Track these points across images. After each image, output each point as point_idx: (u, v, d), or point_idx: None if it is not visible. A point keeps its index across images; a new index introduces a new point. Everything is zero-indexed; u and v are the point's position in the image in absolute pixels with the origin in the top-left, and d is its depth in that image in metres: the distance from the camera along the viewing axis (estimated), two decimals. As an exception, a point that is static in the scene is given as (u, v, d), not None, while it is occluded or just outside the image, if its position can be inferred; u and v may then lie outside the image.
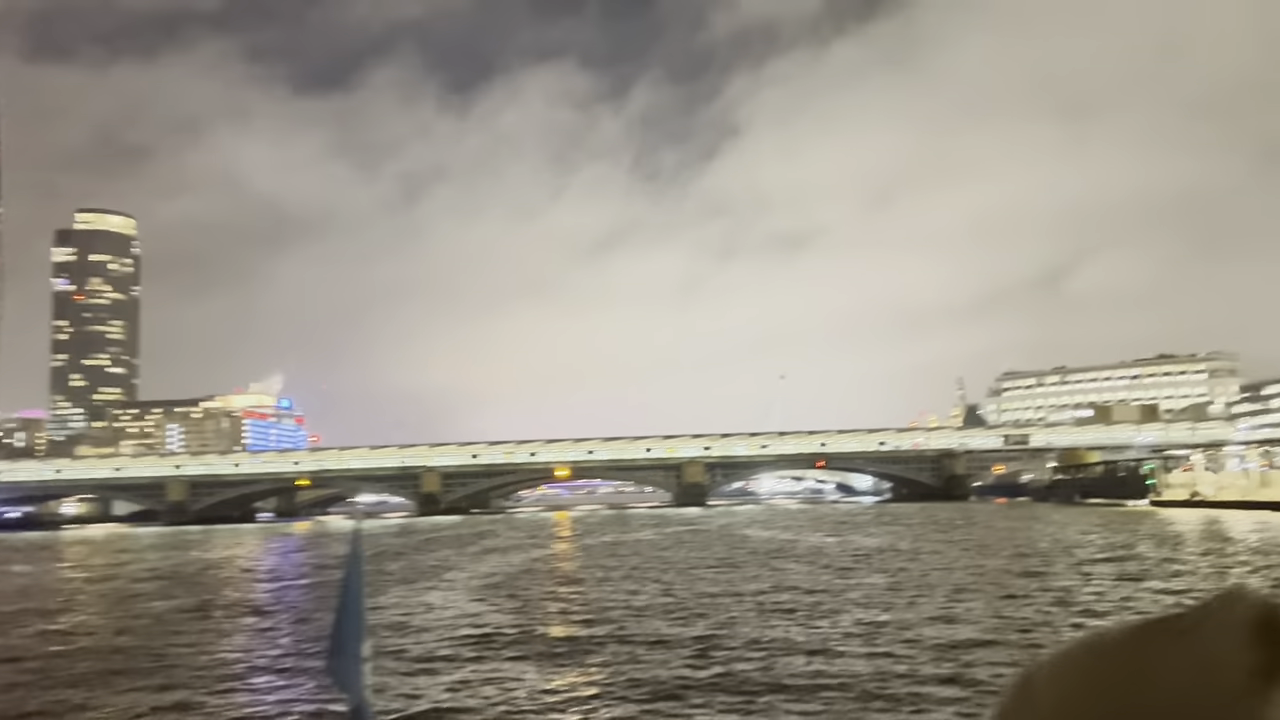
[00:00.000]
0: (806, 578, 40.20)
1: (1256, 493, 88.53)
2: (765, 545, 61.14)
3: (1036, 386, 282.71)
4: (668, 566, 47.88)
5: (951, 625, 26.01)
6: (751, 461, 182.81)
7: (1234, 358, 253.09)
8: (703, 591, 36.03)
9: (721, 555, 53.76)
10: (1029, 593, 32.76)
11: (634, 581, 40.96)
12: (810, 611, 29.51)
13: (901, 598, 32.47)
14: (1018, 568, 42.07)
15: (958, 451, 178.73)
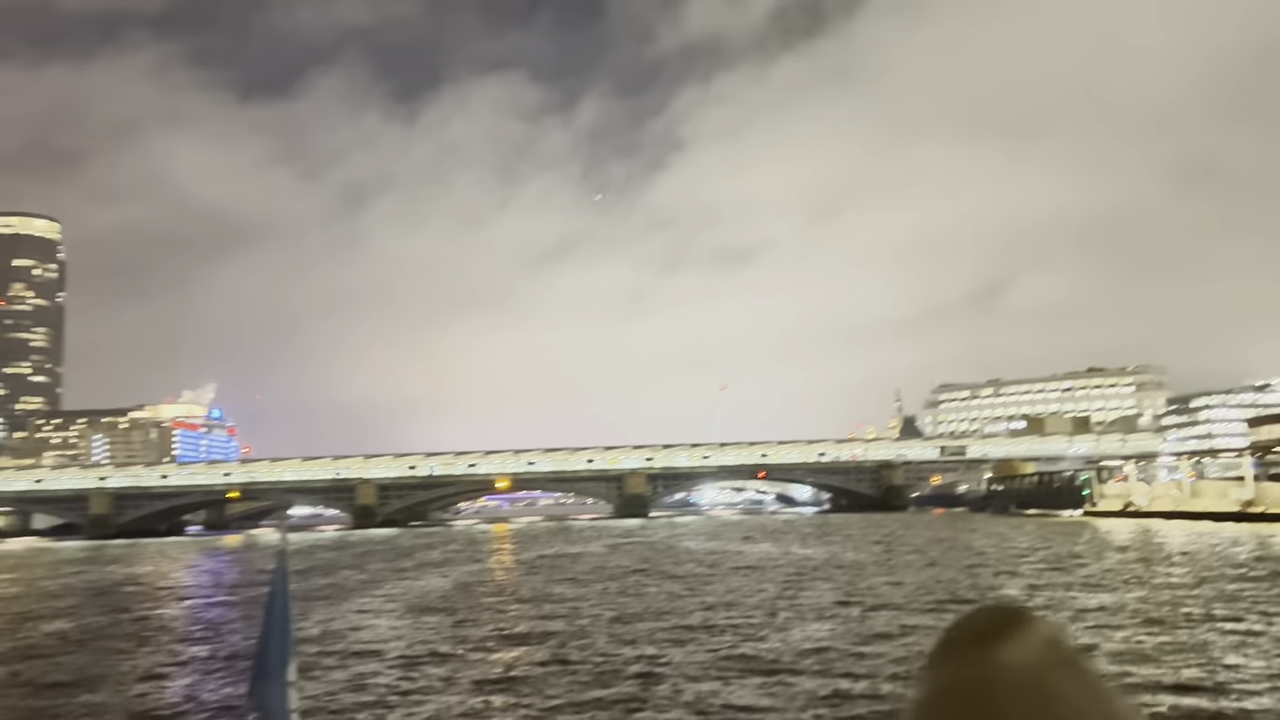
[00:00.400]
0: (754, 592, 39.25)
1: (1188, 503, 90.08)
2: (710, 557, 60.18)
3: (972, 399, 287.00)
4: (610, 581, 46.60)
5: (903, 641, 25.21)
6: (693, 472, 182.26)
7: (1161, 371, 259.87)
8: (649, 608, 34.83)
9: (666, 569, 52.65)
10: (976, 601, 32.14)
11: (576, 597, 39.63)
12: (761, 627, 28.52)
13: (853, 612, 31.66)
14: (966, 580, 41.65)
15: (896, 462, 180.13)
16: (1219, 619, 28.26)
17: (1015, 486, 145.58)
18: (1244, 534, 68.78)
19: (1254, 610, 30.17)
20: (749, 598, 37.07)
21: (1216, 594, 34.82)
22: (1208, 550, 54.98)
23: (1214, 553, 53.10)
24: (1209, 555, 51.53)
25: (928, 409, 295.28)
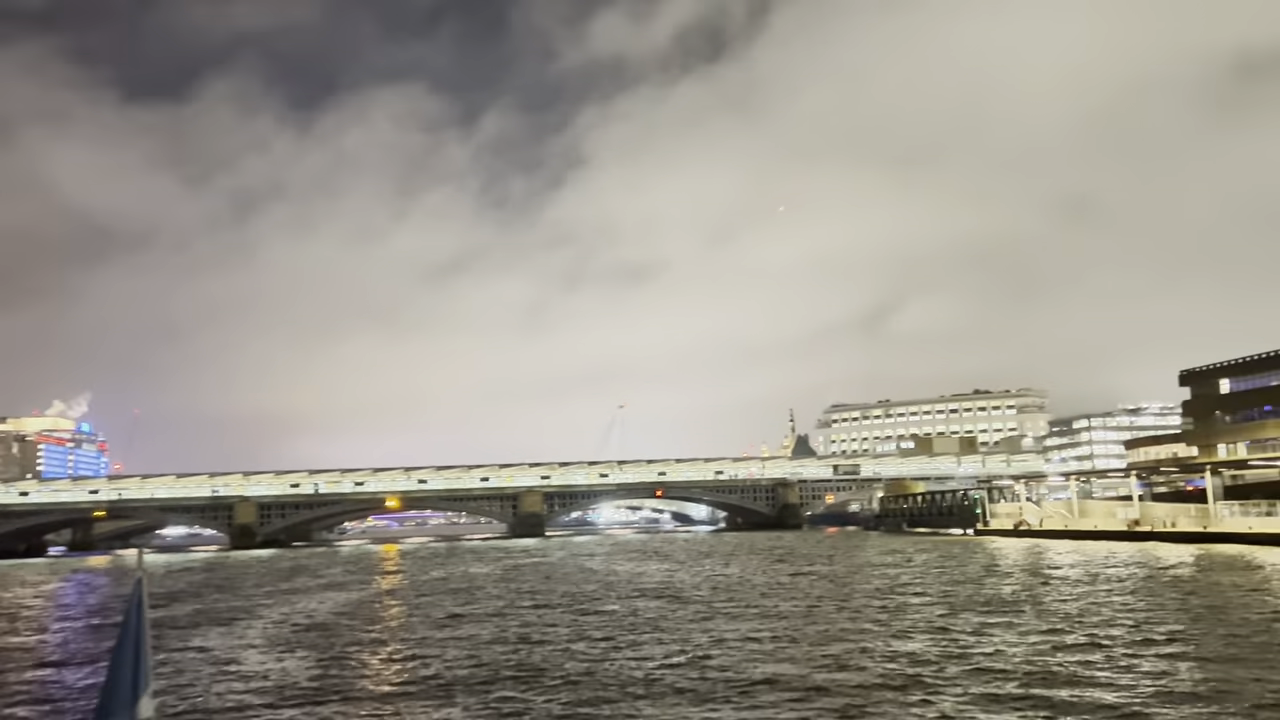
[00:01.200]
0: (659, 615, 37.05)
1: (1077, 523, 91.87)
2: (611, 578, 57.81)
3: (862, 419, 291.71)
4: (506, 605, 43.79)
5: (818, 666, 23.40)
6: (591, 491, 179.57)
7: (1042, 394, 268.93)
8: (548, 637, 32.27)
9: (567, 590, 50.07)
10: (882, 621, 30.82)
11: (467, 622, 36.78)
12: (666, 652, 26.33)
13: (765, 637, 29.79)
14: (878, 603, 40.33)
15: (791, 481, 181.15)
16: (1124, 634, 27.48)
17: (907, 506, 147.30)
18: (1133, 552, 70.06)
19: (1153, 624, 29.60)
20: (666, 627, 34.87)
21: (1122, 609, 34.31)
22: (1102, 567, 55.32)
23: (1111, 570, 53.39)
24: (1117, 572, 51.72)
25: (820, 428, 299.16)
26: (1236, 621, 31.59)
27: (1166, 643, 27.54)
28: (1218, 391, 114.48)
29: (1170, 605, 36.23)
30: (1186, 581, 46.46)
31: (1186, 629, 30.18)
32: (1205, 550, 68.20)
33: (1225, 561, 58.79)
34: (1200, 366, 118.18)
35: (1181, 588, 43.25)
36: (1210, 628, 30.23)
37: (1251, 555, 62.39)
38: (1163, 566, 55.99)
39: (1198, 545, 72.46)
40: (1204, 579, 47.76)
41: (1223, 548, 68.88)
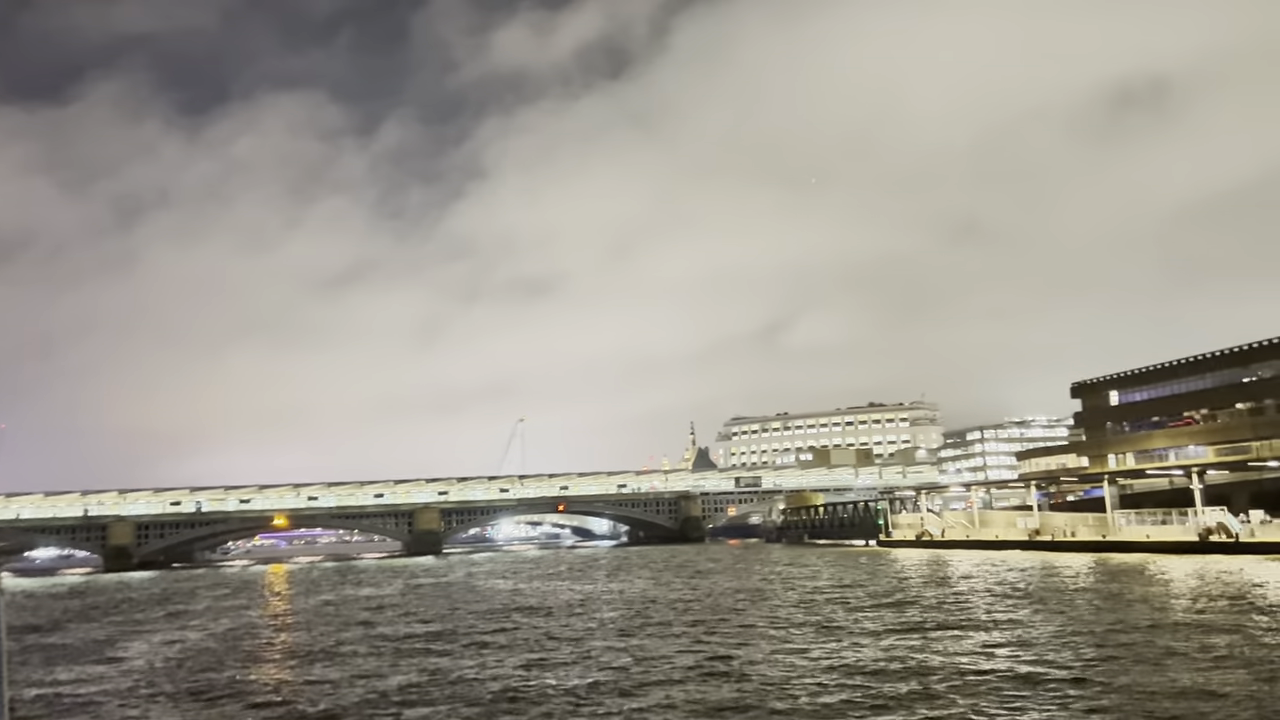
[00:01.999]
0: (579, 640, 34.52)
1: (978, 533, 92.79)
2: (518, 599, 54.87)
3: (762, 431, 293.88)
4: (405, 632, 40.56)
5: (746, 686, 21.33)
6: (491, 506, 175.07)
7: (934, 407, 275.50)
8: (457, 671, 29.40)
9: (478, 609, 47.02)
10: (816, 640, 29.07)
11: (361, 653, 33.57)
12: (586, 690, 23.88)
13: (695, 659, 27.63)
14: (817, 618, 38.61)
15: (694, 494, 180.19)
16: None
17: (809, 517, 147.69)
18: (1035, 560, 70.60)
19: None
20: (577, 643, 32.32)
21: (1037, 616, 33.39)
22: (1006, 575, 55.09)
23: (1015, 578, 53.09)
24: (1023, 581, 51.39)
25: (721, 441, 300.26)
26: (1142, 624, 31.01)
27: (1076, 652, 26.46)
28: (1108, 403, 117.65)
29: (1081, 612, 35.56)
30: (1089, 590, 46.25)
31: (1099, 638, 29.28)
32: (1105, 558, 69.14)
33: (1125, 569, 59.40)
34: (1091, 379, 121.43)
35: (1086, 594, 42.93)
36: (1113, 629, 29.53)
37: (1149, 562, 63.34)
38: (1067, 575, 56.08)
39: (1098, 553, 73.52)
40: (1107, 586, 47.71)
41: (1122, 556, 69.94)
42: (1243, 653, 26.87)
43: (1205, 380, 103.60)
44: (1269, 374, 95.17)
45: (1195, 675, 23.98)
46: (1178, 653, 27.24)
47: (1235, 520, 65.62)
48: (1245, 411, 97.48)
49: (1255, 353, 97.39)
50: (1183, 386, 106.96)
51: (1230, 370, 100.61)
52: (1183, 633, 31.13)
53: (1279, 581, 47.34)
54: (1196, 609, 37.38)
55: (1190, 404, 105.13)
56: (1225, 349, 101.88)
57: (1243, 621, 33.22)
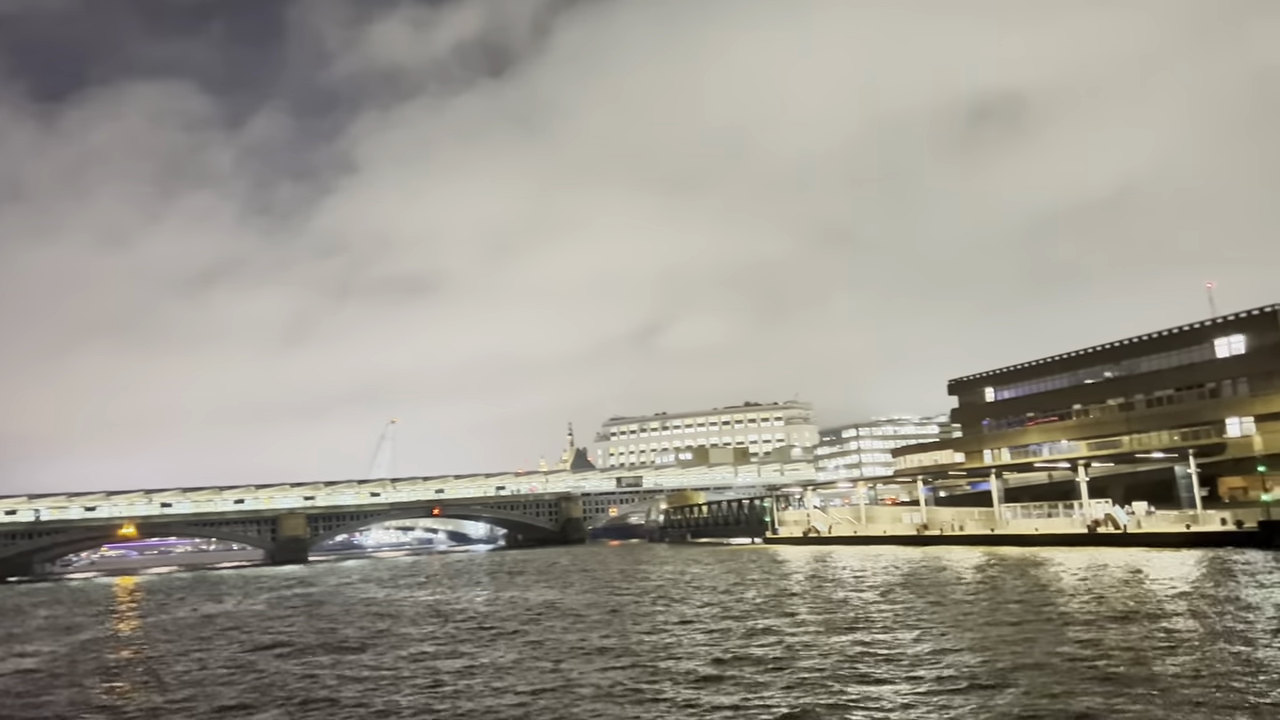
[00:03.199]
0: (481, 660, 30.56)
1: (865, 528, 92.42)
2: (400, 608, 50.23)
3: (640, 431, 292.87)
4: (270, 651, 35.72)
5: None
6: (361, 511, 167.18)
7: (807, 406, 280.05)
8: (331, 694, 25.12)
9: (359, 622, 42.30)
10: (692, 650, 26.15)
11: (219, 678, 28.84)
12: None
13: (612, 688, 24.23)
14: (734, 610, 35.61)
15: (575, 494, 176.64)
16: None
17: (692, 516, 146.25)
18: (925, 555, 69.89)
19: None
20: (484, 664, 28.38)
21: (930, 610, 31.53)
22: (902, 570, 53.74)
23: (910, 572, 51.70)
24: (920, 574, 49.92)
25: (599, 441, 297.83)
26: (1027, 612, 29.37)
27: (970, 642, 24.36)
28: (983, 399, 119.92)
29: (980, 603, 33.87)
30: (988, 581, 45.03)
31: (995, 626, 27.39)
32: (995, 552, 68.99)
33: (1016, 561, 59.00)
34: (967, 376, 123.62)
35: (985, 586, 41.55)
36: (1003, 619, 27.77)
37: (1037, 555, 63.25)
38: (963, 569, 55.14)
39: (987, 547, 73.54)
40: (1004, 578, 46.66)
41: (1012, 549, 69.96)
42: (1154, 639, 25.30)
43: (1078, 376, 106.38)
44: (1138, 370, 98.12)
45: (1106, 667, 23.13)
46: (1094, 645, 25.53)
47: (1122, 512, 66.42)
48: (1116, 406, 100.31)
49: (1125, 349, 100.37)
50: (1056, 383, 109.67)
51: (1101, 366, 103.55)
52: (1097, 626, 29.56)
53: (1170, 570, 47.19)
54: (1104, 600, 36.19)
55: (1063, 400, 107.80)
56: (1096, 346, 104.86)
57: (1155, 609, 31.99)
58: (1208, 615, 31.62)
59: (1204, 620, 30.57)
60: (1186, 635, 27.86)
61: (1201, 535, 58.47)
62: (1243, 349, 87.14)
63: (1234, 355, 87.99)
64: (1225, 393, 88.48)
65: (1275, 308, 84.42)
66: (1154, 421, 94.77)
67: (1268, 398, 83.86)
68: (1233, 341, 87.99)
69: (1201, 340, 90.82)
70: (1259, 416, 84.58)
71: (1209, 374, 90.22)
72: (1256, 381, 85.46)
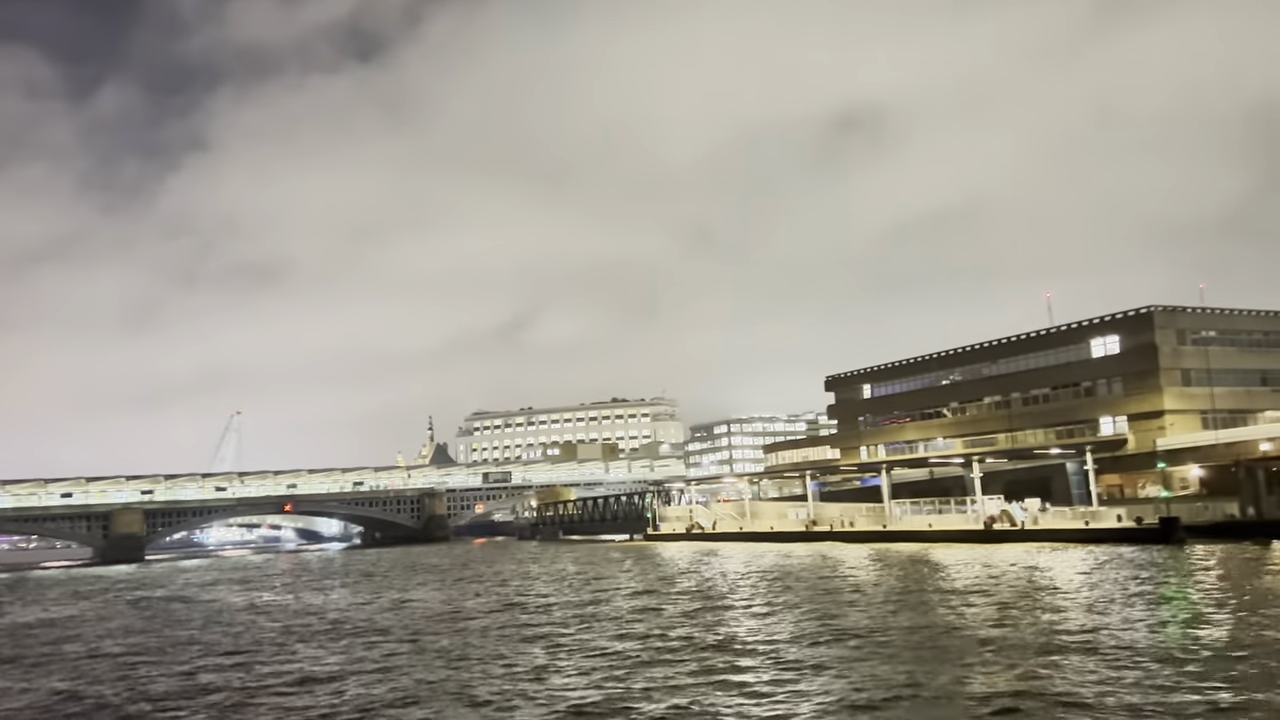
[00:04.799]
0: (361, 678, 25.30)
1: (751, 524, 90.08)
2: (259, 618, 43.87)
3: (505, 426, 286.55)
4: (104, 673, 29.39)
5: None
6: (205, 507, 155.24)
7: (674, 403, 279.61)
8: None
9: (218, 640, 35.97)
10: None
11: (33, 706, 22.77)
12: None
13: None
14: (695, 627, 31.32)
15: (439, 491, 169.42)
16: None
17: (563, 513, 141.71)
18: (815, 552, 67.66)
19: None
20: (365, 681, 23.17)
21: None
22: (799, 569, 51.00)
23: (808, 570, 48.98)
24: (821, 573, 47.09)
25: (461, 436, 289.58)
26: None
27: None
28: (861, 396, 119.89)
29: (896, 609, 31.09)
30: (892, 579, 42.58)
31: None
32: (887, 548, 67.26)
33: (918, 558, 57.22)
34: (844, 373, 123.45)
35: (893, 585, 38.97)
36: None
37: (931, 551, 61.73)
38: (859, 565, 52.84)
39: (879, 544, 71.94)
40: (909, 574, 44.34)
41: (905, 545, 68.49)
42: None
43: (955, 374, 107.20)
44: (1016, 369, 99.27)
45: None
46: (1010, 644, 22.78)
47: (1018, 509, 65.78)
48: (993, 404, 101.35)
49: (1003, 348, 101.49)
50: (933, 380, 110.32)
51: (979, 364, 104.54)
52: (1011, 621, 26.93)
53: (1081, 566, 45.87)
54: (1022, 596, 33.90)
55: (941, 397, 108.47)
56: (974, 344, 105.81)
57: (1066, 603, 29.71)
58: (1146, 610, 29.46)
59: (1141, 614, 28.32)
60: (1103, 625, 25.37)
61: (1100, 531, 58.11)
62: (1117, 349, 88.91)
63: (1109, 355, 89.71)
64: (1100, 392, 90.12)
65: (1150, 309, 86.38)
66: (1030, 419, 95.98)
67: (1141, 397, 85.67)
68: (1108, 341, 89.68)
69: (1078, 340, 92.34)
70: (1131, 415, 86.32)
71: (1085, 373, 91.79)
72: (1130, 381, 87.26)
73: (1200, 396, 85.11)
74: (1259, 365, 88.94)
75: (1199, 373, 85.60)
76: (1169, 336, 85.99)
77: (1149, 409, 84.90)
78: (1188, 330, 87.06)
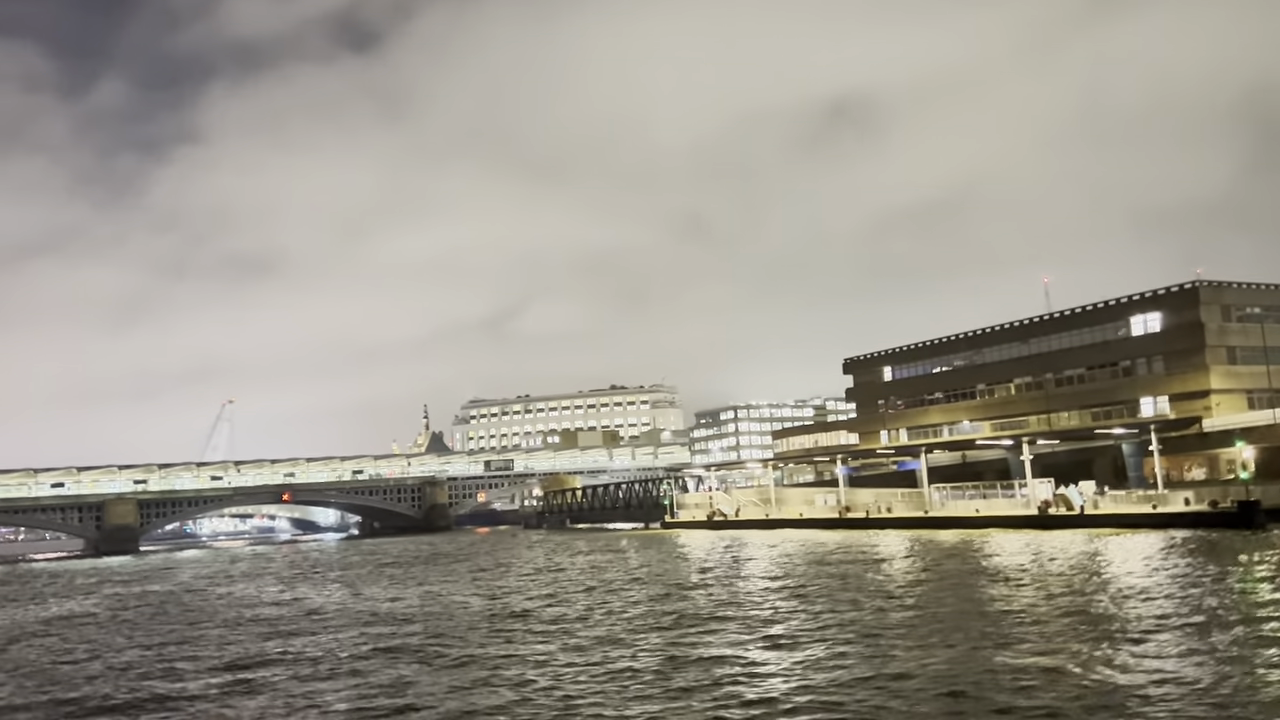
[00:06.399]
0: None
1: (778, 511, 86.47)
2: (321, 619, 40.00)
3: (502, 414, 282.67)
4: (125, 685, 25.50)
5: None
6: (201, 496, 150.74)
7: (673, 390, 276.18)
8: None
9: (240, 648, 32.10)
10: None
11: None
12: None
13: None
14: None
15: (440, 479, 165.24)
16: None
17: (570, 500, 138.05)
18: (864, 540, 64.06)
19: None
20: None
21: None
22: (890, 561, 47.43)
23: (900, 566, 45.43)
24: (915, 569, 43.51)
25: (458, 424, 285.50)
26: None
27: None
28: (881, 379, 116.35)
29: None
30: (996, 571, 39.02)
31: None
32: (933, 535, 63.60)
33: (976, 545, 53.74)
34: (864, 355, 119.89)
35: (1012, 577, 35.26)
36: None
37: (985, 538, 58.20)
38: (942, 553, 49.25)
39: (922, 530, 68.36)
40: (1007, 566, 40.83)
41: (953, 532, 64.79)
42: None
43: (982, 355, 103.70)
44: (1047, 349, 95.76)
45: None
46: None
47: (1075, 492, 62.26)
48: (1024, 386, 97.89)
49: (1033, 328, 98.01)
50: (958, 362, 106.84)
51: (1007, 345, 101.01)
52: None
53: (1166, 553, 42.39)
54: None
55: (966, 379, 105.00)
56: (1001, 324, 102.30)
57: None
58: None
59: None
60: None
61: (1171, 516, 54.66)
62: (1159, 326, 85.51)
63: (1149, 333, 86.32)
64: (1140, 371, 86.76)
65: (1196, 284, 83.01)
66: (1065, 401, 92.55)
67: (1185, 376, 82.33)
68: (1149, 319, 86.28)
69: (1117, 318, 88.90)
70: (1174, 395, 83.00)
71: (1123, 352, 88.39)
72: (1173, 360, 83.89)
73: (1246, 375, 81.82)
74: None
75: (1245, 350, 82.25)
76: (1214, 313, 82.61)
77: (1194, 388, 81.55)
78: (1233, 306, 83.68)
